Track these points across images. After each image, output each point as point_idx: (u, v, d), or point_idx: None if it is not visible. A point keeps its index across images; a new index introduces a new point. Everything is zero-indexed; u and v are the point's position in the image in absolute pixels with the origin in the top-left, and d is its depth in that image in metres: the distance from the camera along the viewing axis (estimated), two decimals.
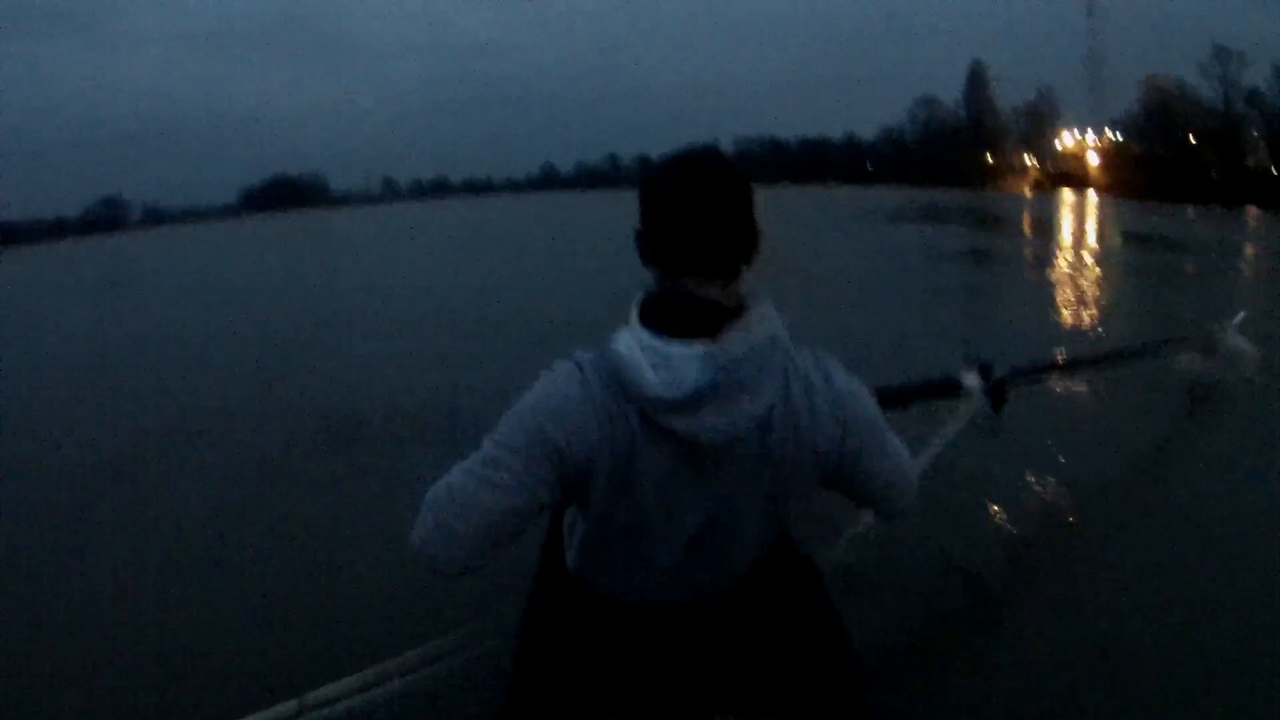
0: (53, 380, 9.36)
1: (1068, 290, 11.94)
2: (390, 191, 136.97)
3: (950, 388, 3.09)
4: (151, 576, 3.83)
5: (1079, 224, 28.62)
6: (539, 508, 1.30)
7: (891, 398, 2.41)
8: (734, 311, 1.25)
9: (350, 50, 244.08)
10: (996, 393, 3.10)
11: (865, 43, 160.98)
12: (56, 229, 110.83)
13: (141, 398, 7.71)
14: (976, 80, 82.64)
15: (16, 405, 8.00)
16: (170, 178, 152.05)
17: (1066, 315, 9.85)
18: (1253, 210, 35.04)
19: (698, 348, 1.20)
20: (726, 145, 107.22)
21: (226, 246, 39.56)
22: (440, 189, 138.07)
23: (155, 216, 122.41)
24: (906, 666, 2.76)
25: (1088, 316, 9.80)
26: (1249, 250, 18.64)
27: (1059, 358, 5.40)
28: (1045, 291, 12.14)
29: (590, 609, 1.46)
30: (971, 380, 3.09)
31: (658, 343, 1.22)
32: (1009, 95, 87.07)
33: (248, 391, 7.84)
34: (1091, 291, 11.91)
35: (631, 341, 1.23)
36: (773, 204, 1.24)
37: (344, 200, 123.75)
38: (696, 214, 1.25)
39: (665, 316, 1.24)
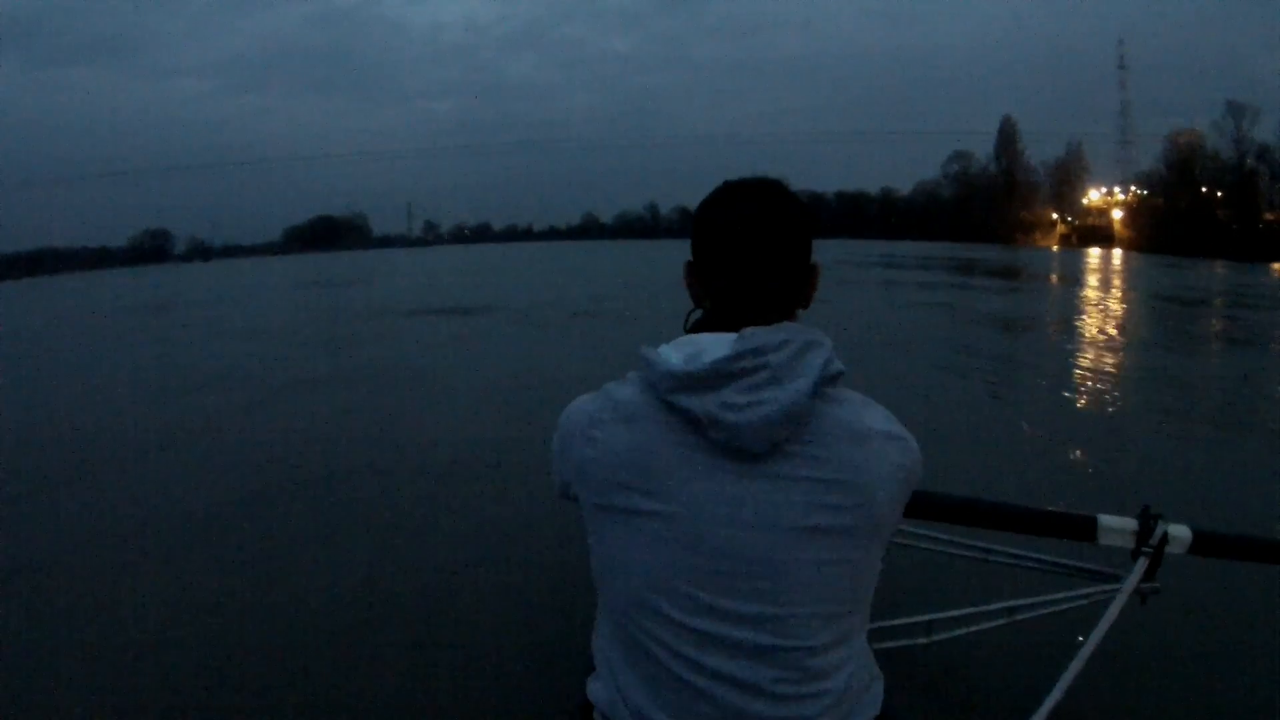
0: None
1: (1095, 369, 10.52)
2: (432, 235, 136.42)
3: (1085, 528, 2.05)
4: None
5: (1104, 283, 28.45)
6: None
7: (1009, 518, 2.01)
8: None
9: (388, 88, 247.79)
10: (1156, 552, 2.01)
11: (901, 96, 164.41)
12: (102, 257, 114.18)
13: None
14: (1007, 136, 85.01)
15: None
16: (213, 211, 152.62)
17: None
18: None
19: (730, 336, 1.10)
20: None
21: (270, 281, 40.93)
22: (481, 234, 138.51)
23: (200, 251, 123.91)
24: None
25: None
26: None
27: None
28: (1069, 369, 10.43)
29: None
30: (1119, 529, 2.01)
31: (691, 337, 1.14)
32: (1040, 149, 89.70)
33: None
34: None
35: (664, 345, 1.14)
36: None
37: (385, 242, 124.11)
38: (751, 245, 1.16)
39: (708, 326, 1.17)
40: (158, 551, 4.48)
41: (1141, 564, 2.01)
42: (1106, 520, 1.97)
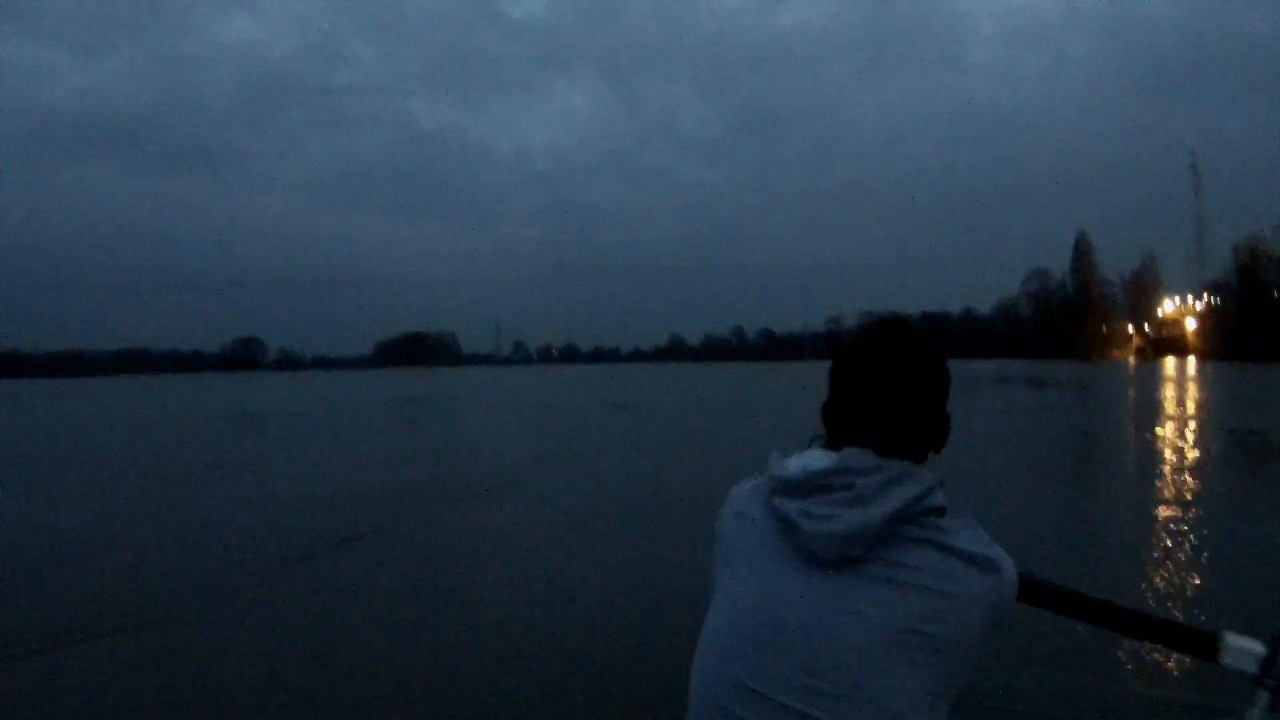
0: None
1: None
2: (520, 355, 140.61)
3: (1204, 645, 1.62)
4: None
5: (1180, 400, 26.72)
6: None
7: (1115, 618, 1.64)
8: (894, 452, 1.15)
9: (471, 210, 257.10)
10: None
11: (980, 216, 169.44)
12: (196, 361, 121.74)
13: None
14: (1082, 251, 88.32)
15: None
16: (304, 324, 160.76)
17: None
18: None
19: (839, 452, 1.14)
20: (850, 320, 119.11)
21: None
22: (569, 355, 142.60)
23: (290, 361, 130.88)
24: None
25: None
26: None
27: None
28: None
29: None
30: (1245, 650, 1.55)
31: (816, 452, 1.17)
32: (1116, 262, 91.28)
33: None
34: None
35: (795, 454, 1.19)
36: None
37: (473, 360, 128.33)
38: (883, 389, 1.16)
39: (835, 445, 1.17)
40: None
41: (1265, 697, 1.60)
42: (1232, 639, 1.55)
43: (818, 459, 1.13)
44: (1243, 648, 1.46)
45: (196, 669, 4.50)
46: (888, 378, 1.15)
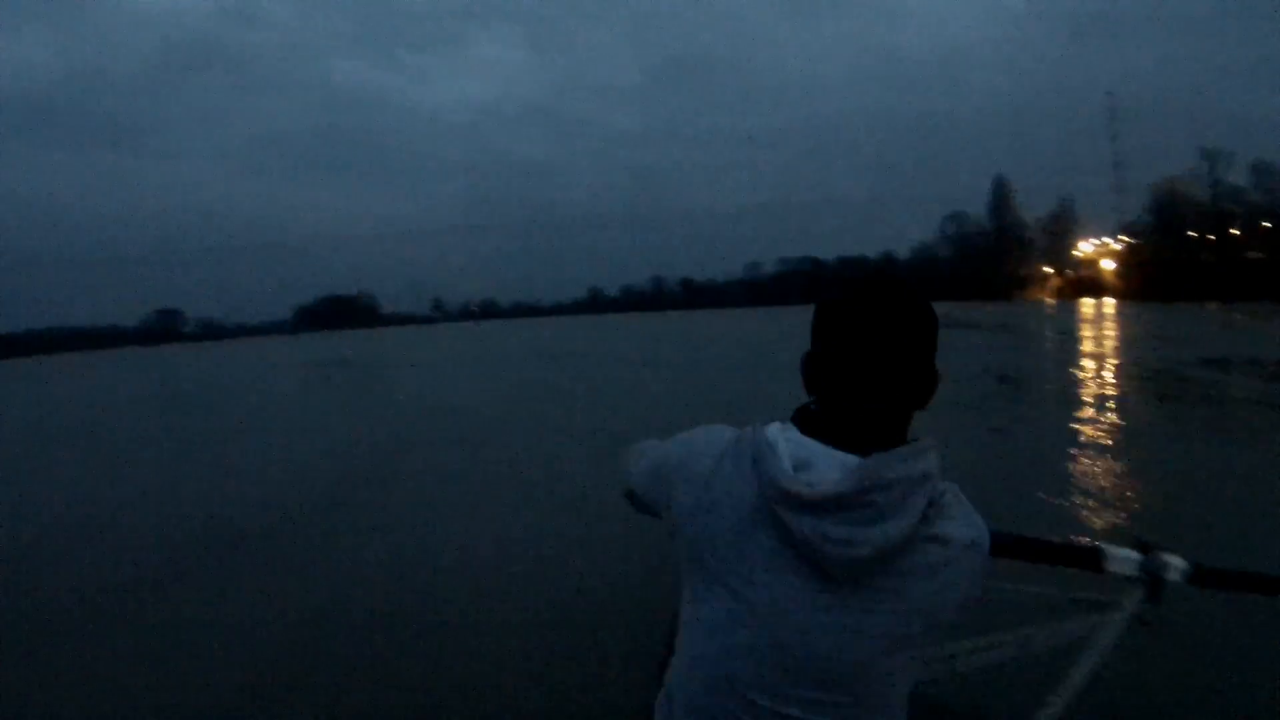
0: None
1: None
2: (439, 312, 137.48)
3: (1088, 559, 2.16)
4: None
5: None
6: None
7: (1019, 548, 2.04)
8: (895, 437, 1.16)
9: (392, 169, 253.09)
10: (1154, 583, 2.15)
11: (898, 160, 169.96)
12: (115, 336, 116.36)
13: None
14: (1000, 194, 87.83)
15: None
16: (223, 292, 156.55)
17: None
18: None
19: (848, 457, 1.13)
20: (768, 265, 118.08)
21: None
22: (489, 310, 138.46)
23: (210, 330, 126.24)
24: None
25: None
26: None
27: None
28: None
29: None
30: (1124, 559, 2.14)
31: (806, 440, 1.16)
32: (1034, 204, 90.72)
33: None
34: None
35: (779, 433, 1.17)
36: (808, 322, 1.25)
37: (393, 320, 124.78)
38: (874, 346, 1.16)
39: (821, 425, 1.18)
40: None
41: (1139, 593, 2.11)
42: (1112, 550, 2.02)
43: (825, 462, 1.13)
44: (1122, 556, 2.05)
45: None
46: (892, 337, 1.17)
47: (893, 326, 1.17)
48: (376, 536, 6.80)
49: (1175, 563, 2.10)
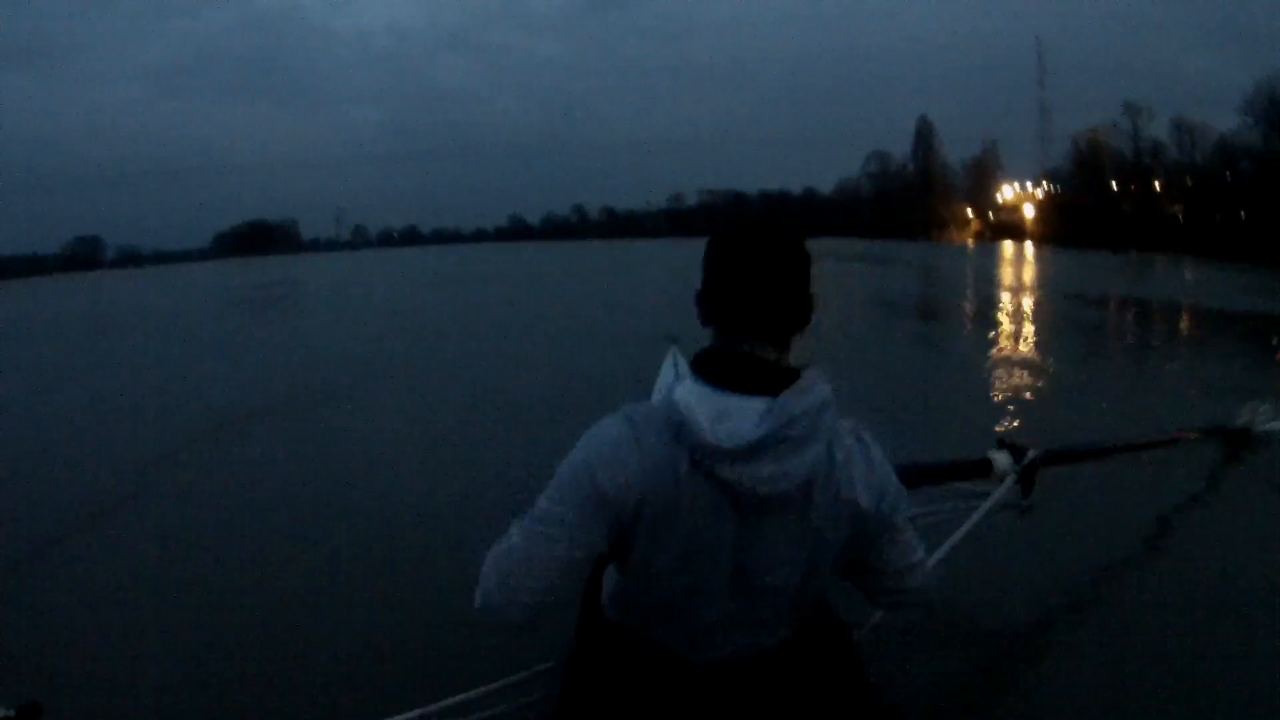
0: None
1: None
2: (361, 239, 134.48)
3: (981, 468, 3.01)
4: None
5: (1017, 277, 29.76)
6: (595, 556, 1.35)
7: (921, 474, 2.55)
8: (790, 373, 1.29)
9: (316, 93, 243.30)
10: (1027, 474, 3.01)
11: (825, 97, 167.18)
12: (35, 265, 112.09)
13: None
14: (924, 135, 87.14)
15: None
16: (144, 218, 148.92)
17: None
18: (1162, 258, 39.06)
19: (756, 403, 1.25)
20: (691, 197, 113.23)
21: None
22: (410, 237, 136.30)
23: (131, 258, 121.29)
24: None
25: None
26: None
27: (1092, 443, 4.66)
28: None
29: (631, 662, 1.47)
30: (1002, 461, 3.01)
31: (717, 396, 1.26)
32: (959, 147, 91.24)
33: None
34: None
35: (689, 394, 1.27)
36: None
37: (315, 246, 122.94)
38: (760, 279, 1.30)
39: (724, 373, 1.29)
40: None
41: (1011, 479, 3.00)
42: (996, 455, 3.00)
43: (739, 411, 1.25)
44: (1001, 460, 2.95)
45: None
46: (778, 269, 1.33)
47: (774, 259, 1.32)
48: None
49: (1035, 453, 3.07)
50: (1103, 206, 59.52)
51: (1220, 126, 56.60)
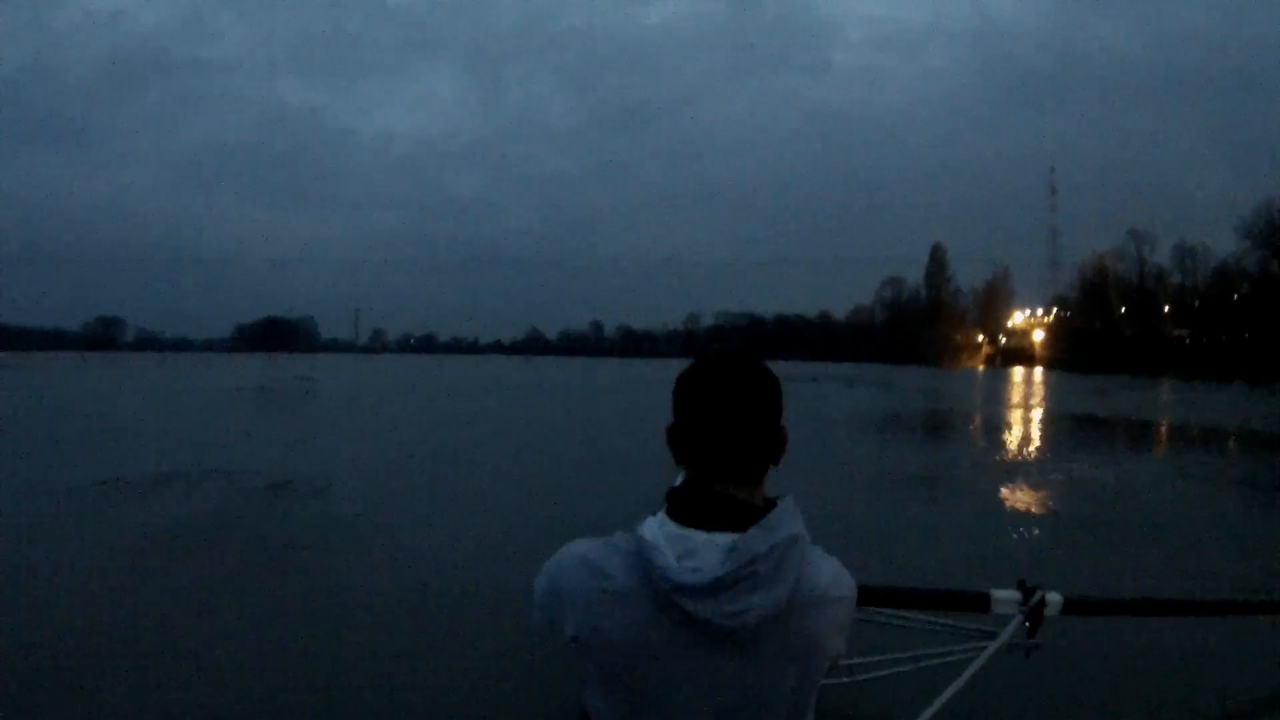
0: None
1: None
2: (378, 343, 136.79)
3: (980, 602, 2.63)
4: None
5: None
6: None
7: (913, 599, 2.41)
8: (758, 510, 1.29)
9: (332, 194, 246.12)
10: (1034, 615, 2.60)
11: (837, 220, 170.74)
12: (57, 339, 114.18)
13: None
14: (936, 262, 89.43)
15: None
16: (164, 303, 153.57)
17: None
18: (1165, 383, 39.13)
19: (721, 539, 1.25)
20: (707, 319, 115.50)
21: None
22: (427, 345, 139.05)
23: (150, 342, 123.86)
24: None
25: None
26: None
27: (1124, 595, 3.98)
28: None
29: None
30: (1006, 598, 2.59)
31: (684, 532, 1.27)
32: (969, 269, 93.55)
33: None
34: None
35: (657, 528, 1.28)
36: None
37: (333, 346, 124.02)
38: (728, 421, 1.31)
39: (694, 511, 1.30)
40: None
41: (1018, 620, 2.59)
42: (997, 593, 2.57)
43: (706, 549, 1.22)
44: (1004, 597, 2.56)
45: None
46: (743, 410, 1.30)
47: (739, 398, 1.31)
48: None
49: (1051, 597, 2.63)
50: (1110, 331, 60.92)
51: (1220, 245, 58.97)
